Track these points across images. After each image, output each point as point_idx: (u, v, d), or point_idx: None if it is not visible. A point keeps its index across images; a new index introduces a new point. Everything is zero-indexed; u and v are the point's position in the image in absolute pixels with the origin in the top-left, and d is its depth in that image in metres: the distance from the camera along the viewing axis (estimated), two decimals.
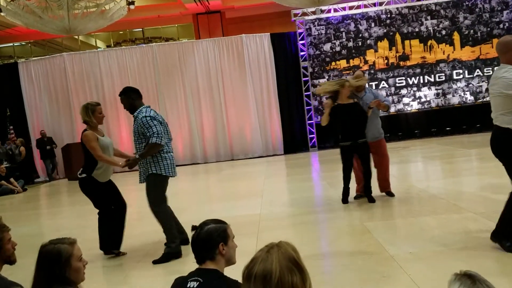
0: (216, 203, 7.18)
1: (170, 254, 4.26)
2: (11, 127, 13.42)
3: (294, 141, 14.10)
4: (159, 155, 4.37)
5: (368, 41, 13.65)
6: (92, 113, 4.52)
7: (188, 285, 1.83)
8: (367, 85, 6.39)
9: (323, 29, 13.70)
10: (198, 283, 1.82)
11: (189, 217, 6.03)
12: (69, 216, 7.66)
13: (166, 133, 4.52)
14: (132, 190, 10.22)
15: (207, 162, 13.83)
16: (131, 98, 4.52)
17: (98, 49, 16.49)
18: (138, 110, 4.45)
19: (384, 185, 5.87)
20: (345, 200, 5.71)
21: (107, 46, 19.02)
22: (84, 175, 4.53)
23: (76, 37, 17.57)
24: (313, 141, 13.81)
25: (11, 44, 18.77)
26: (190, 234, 2.01)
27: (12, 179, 11.42)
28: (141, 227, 5.87)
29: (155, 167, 4.36)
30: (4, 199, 10.49)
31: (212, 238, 1.93)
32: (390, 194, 5.85)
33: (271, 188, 7.80)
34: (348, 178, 5.66)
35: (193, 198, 7.93)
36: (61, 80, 13.95)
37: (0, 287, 2.04)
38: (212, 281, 1.83)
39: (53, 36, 15.14)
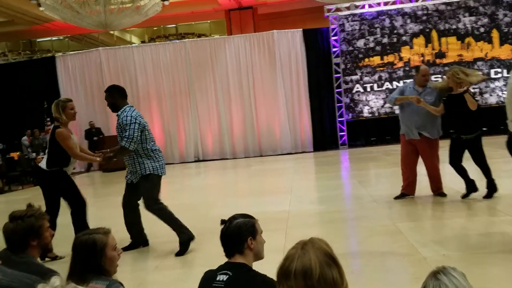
0: (244, 198, 7.20)
1: (186, 241, 4.36)
2: (48, 119, 13.84)
3: (324, 138, 13.96)
4: (153, 155, 4.47)
5: (404, 38, 13.34)
6: (62, 110, 4.57)
7: (217, 278, 1.85)
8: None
9: (357, 25, 13.47)
10: (227, 276, 1.84)
11: (217, 211, 6.07)
12: (103, 206, 7.85)
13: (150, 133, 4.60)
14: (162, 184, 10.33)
15: (236, 158, 13.89)
16: (113, 96, 4.57)
17: (133, 45, 16.80)
18: (122, 109, 4.48)
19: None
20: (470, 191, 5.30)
21: (142, 42, 19.37)
22: (54, 168, 4.58)
23: (112, 32, 17.96)
24: (343, 138, 13.65)
25: (49, 39, 19.38)
26: (219, 227, 2.02)
27: None
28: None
29: (151, 167, 4.43)
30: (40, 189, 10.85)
31: (241, 232, 1.95)
32: (442, 194, 5.59)
33: (299, 185, 7.76)
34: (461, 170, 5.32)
35: (221, 193, 7.98)
36: (96, 74, 14.32)
37: (38, 273, 2.10)
38: (241, 274, 1.85)
39: (90, 31, 15.53)
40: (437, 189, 5.60)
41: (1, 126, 14.76)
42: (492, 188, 5.26)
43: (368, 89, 13.47)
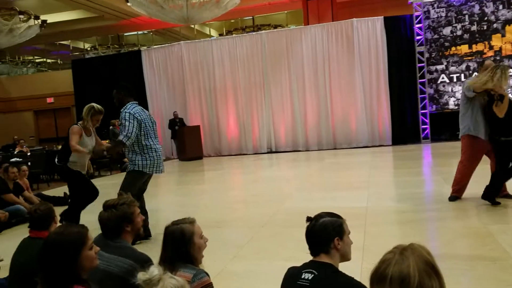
0: (318, 192, 7.11)
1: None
2: None
3: (404, 131, 13.34)
4: (146, 153, 4.75)
5: (495, 25, 12.28)
6: (91, 116, 5.02)
7: (302, 276, 1.83)
8: None
9: (443, 11, 12.64)
10: (312, 275, 1.81)
11: (291, 204, 6.05)
12: (182, 195, 8.22)
13: (152, 130, 4.83)
14: (237, 174, 10.63)
15: (309, 150, 13.77)
16: (120, 93, 4.86)
17: (212, 38, 17.25)
18: (124, 106, 4.77)
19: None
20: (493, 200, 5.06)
21: (220, 35, 19.81)
22: (61, 163, 5.03)
23: (192, 26, 18.57)
24: (425, 132, 12.96)
25: (135, 33, 20.50)
26: (294, 220, 2.01)
27: None
28: (244, 210, 6.06)
29: (140, 164, 4.73)
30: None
31: (327, 232, 1.90)
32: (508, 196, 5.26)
33: (377, 180, 7.49)
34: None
35: (295, 185, 7.93)
36: (178, 67, 14.94)
37: (131, 257, 2.24)
38: (327, 275, 1.81)
39: (172, 25, 16.19)
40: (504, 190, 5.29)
41: None
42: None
43: (455, 80, 12.63)
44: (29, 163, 9.67)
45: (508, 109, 4.97)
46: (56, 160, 5.26)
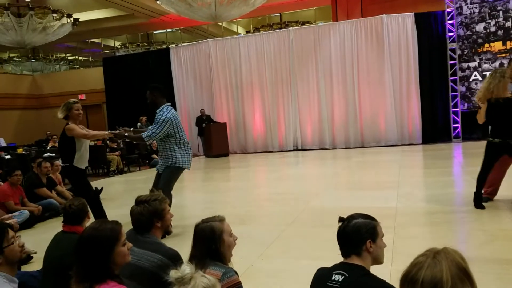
0: (345, 191, 7.03)
1: None
2: None
3: (435, 130, 13.02)
4: (184, 149, 4.99)
5: None
6: (70, 110, 4.92)
7: (332, 278, 1.81)
8: None
9: (476, 7, 12.26)
10: (343, 277, 1.79)
11: (318, 202, 5.99)
12: (209, 191, 8.28)
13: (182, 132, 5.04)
14: (263, 172, 10.63)
15: (335, 148, 13.64)
16: (154, 95, 4.95)
17: (239, 35, 17.29)
18: (160, 107, 4.91)
19: None
20: (478, 204, 5.05)
21: (247, 32, 19.83)
22: (67, 163, 5.01)
23: (220, 23, 18.66)
24: (457, 131, 12.63)
25: (164, 31, 20.77)
26: (321, 219, 1.99)
27: None
28: (270, 207, 6.06)
29: (178, 160, 4.94)
30: (155, 171, 11.77)
31: (360, 234, 1.86)
32: None
33: (406, 180, 7.34)
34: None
35: (322, 184, 7.85)
36: (205, 64, 15.04)
37: (160, 252, 2.27)
38: (358, 278, 1.77)
39: (200, 23, 16.32)
40: None
41: (122, 112, 16.29)
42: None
43: None
44: (61, 159, 9.92)
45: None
46: (60, 161, 5.39)
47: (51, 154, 10.79)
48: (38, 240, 4.74)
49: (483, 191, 5.27)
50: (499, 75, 4.88)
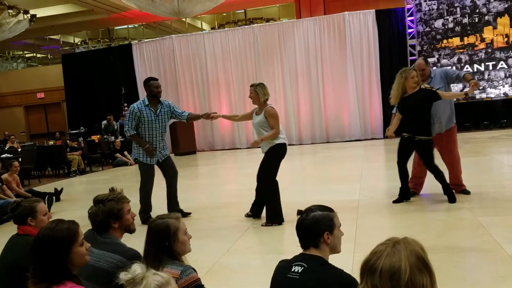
0: (311, 185, 7.12)
1: None
2: (125, 104, 14.60)
3: None
4: None
5: (486, 17, 12.34)
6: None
7: (292, 269, 1.83)
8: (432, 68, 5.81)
9: (434, 4, 12.67)
10: (302, 268, 1.82)
11: (284, 198, 6.01)
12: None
13: None
14: (230, 169, 10.57)
15: (302, 144, 13.78)
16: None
17: (204, 31, 17.13)
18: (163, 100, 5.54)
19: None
20: (400, 199, 5.26)
21: (212, 28, 19.68)
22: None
23: (184, 19, 18.42)
24: None
25: (126, 27, 20.29)
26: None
27: (126, 153, 12.53)
28: (237, 204, 6.05)
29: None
30: (118, 171, 11.55)
31: (317, 226, 1.89)
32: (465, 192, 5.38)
33: (369, 173, 7.52)
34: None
35: (288, 179, 7.89)
36: (169, 61, 14.83)
37: (120, 252, 2.22)
38: (317, 267, 1.81)
39: (163, 18, 16.03)
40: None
41: (83, 110, 15.84)
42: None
43: None
44: (20, 159, 9.57)
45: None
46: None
47: (8, 155, 10.37)
48: None
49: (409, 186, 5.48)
50: (401, 76, 5.38)
